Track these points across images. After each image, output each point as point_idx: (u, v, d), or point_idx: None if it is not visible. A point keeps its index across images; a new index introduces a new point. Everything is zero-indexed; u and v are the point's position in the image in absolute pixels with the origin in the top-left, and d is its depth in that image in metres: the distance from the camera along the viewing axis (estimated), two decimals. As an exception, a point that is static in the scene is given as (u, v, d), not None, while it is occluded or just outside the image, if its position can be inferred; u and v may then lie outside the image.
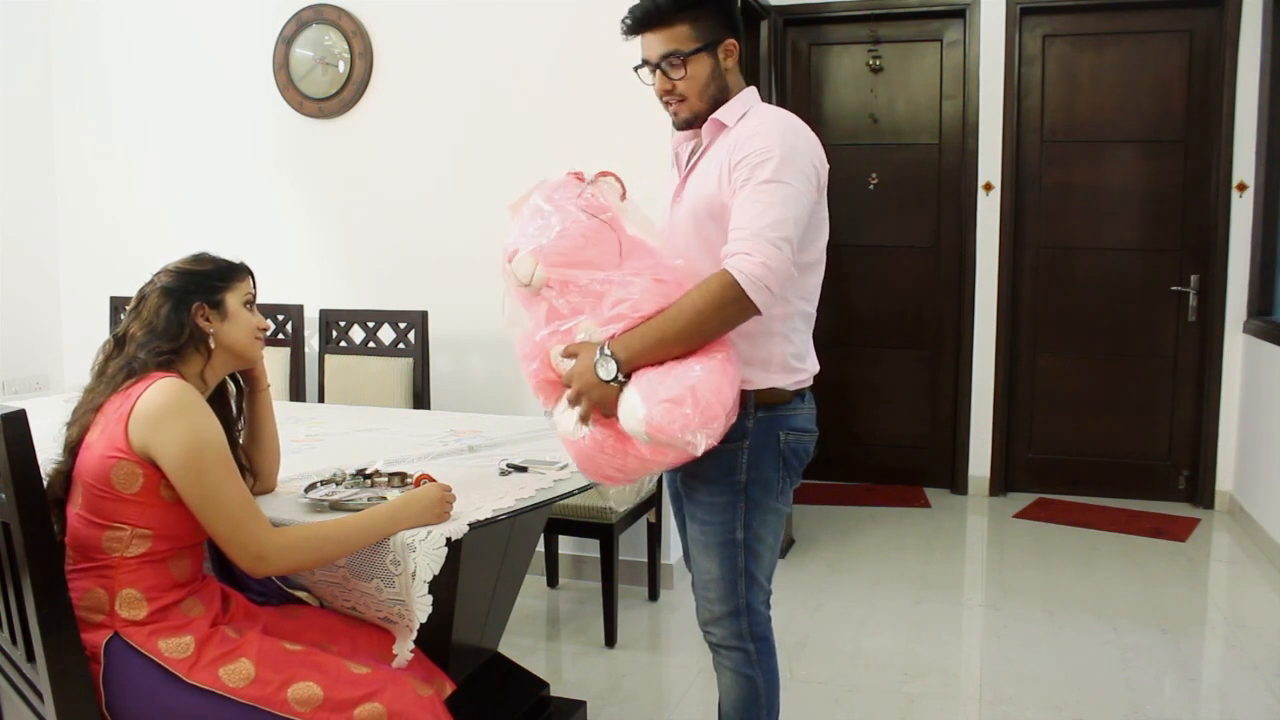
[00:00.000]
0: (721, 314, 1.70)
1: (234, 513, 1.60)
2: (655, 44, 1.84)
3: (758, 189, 1.73)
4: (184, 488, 1.59)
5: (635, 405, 1.65)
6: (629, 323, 1.71)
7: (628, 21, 1.85)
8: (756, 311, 1.71)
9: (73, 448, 1.66)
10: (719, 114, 1.86)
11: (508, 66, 3.69)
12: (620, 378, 1.68)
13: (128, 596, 1.60)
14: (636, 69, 1.91)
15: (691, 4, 1.81)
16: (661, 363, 1.69)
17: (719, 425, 1.67)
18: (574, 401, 1.72)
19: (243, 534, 1.61)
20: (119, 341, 1.73)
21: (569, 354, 1.73)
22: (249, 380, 1.93)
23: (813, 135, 1.85)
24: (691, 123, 1.90)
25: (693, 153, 1.95)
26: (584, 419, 1.71)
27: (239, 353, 1.80)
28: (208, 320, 1.74)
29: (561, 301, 1.74)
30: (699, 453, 1.65)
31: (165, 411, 1.59)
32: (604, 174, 1.81)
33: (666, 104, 1.90)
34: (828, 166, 1.86)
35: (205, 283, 1.77)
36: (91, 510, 1.61)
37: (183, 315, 1.72)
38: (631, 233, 1.80)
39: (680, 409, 1.62)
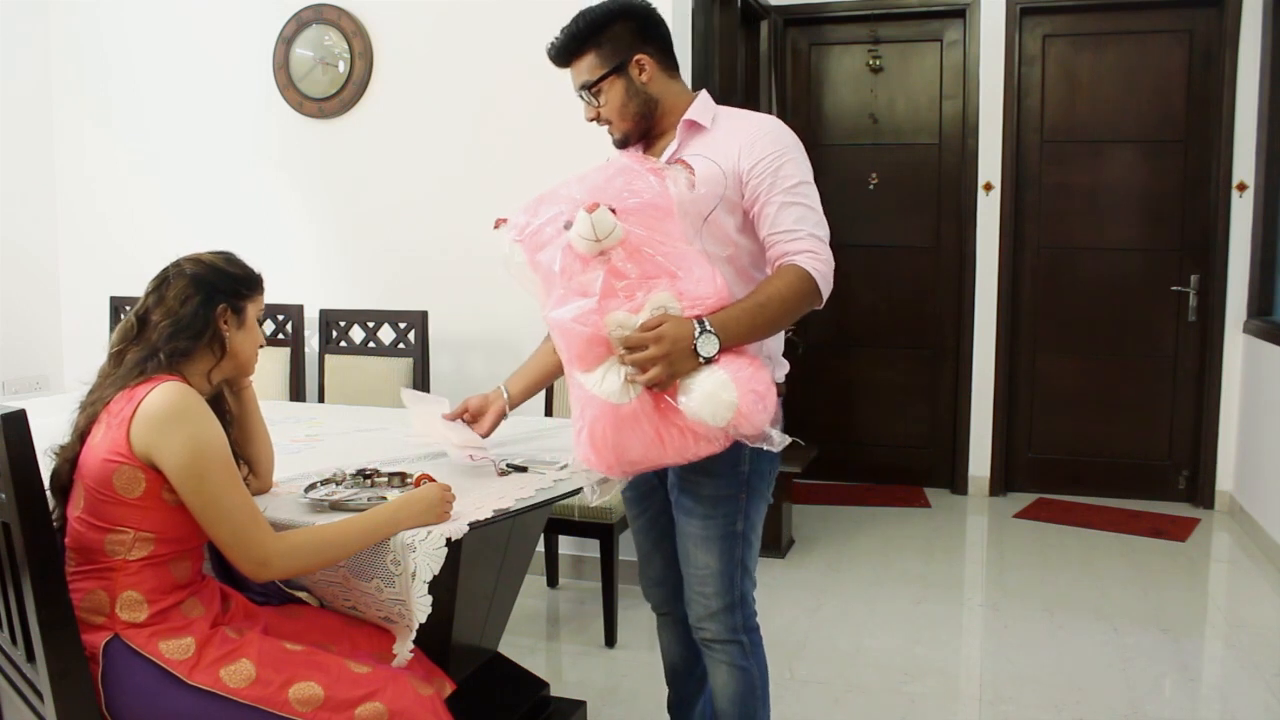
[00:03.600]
0: (800, 307, 1.79)
1: (237, 518, 1.60)
2: (574, 76, 1.92)
3: (791, 192, 1.81)
4: (186, 493, 1.59)
5: (726, 385, 1.65)
6: (717, 302, 1.71)
7: (552, 61, 1.94)
8: (820, 304, 1.81)
9: (81, 434, 1.66)
10: (691, 114, 1.90)
11: (508, 66, 3.69)
12: (714, 358, 1.68)
13: (128, 599, 1.60)
14: (579, 94, 1.96)
15: (590, 34, 1.88)
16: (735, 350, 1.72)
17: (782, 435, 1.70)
18: (647, 363, 1.65)
19: (245, 540, 1.60)
20: (140, 324, 1.71)
21: (649, 326, 1.66)
22: (230, 380, 1.90)
23: None
24: (626, 141, 1.95)
25: (662, 150, 1.96)
26: (651, 383, 1.66)
27: (242, 363, 1.79)
28: (227, 324, 1.74)
29: (629, 265, 1.70)
30: (775, 448, 1.69)
31: (168, 417, 1.58)
32: (679, 161, 1.81)
33: (600, 126, 1.96)
34: None
35: (234, 286, 1.76)
36: (93, 514, 1.61)
37: (209, 312, 1.71)
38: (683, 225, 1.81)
39: (765, 403, 1.67)
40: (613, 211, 1.68)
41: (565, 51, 1.91)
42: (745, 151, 1.82)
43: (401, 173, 3.87)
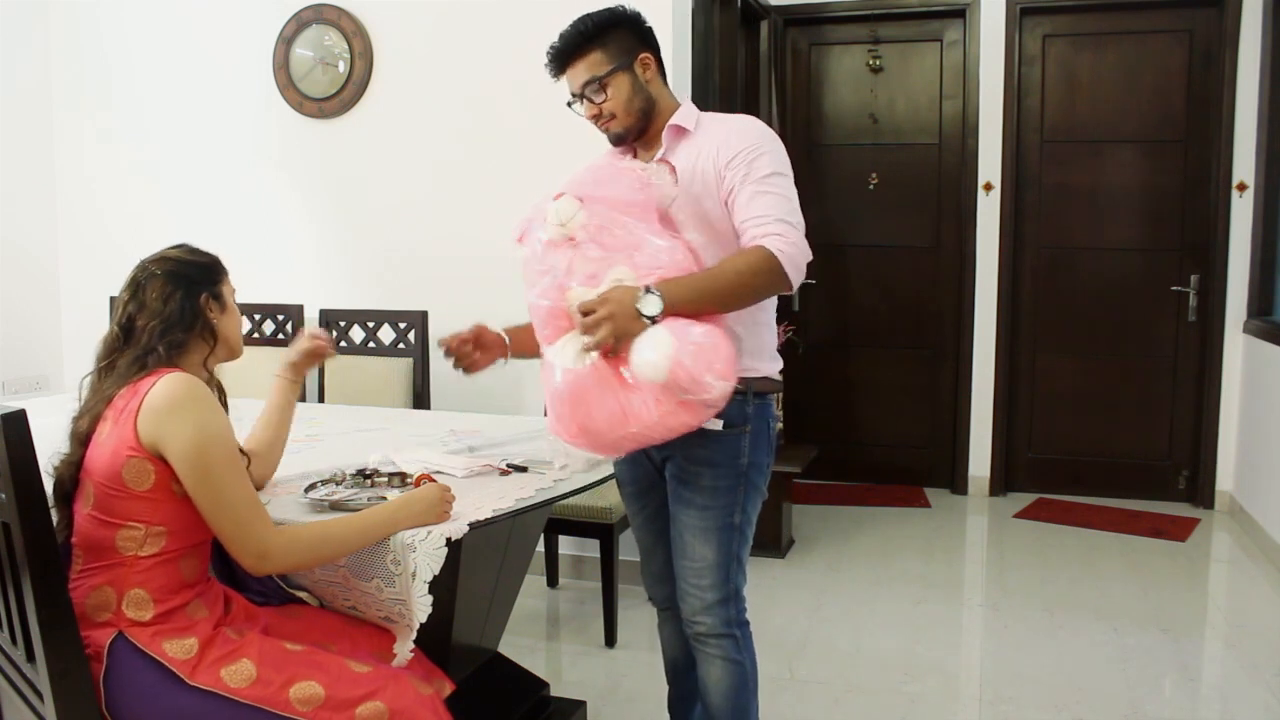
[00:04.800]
0: (759, 282, 1.80)
1: (239, 510, 1.60)
2: (575, 76, 1.96)
3: (764, 182, 1.85)
4: (191, 483, 1.59)
5: (662, 340, 1.68)
6: (671, 272, 1.76)
7: (549, 66, 1.98)
8: (788, 288, 1.83)
9: (83, 439, 1.66)
10: (676, 119, 1.96)
11: (508, 66, 3.69)
12: (657, 318, 1.70)
13: (135, 597, 1.60)
14: (569, 105, 2.01)
15: (597, 33, 1.93)
16: (690, 317, 1.74)
17: (728, 387, 1.71)
18: (594, 326, 1.69)
19: (247, 532, 1.61)
20: (126, 333, 1.71)
21: (602, 296, 1.71)
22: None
23: None
24: (624, 137, 1.99)
25: (652, 157, 2.01)
26: (595, 347, 1.70)
27: (232, 345, 1.81)
28: (212, 312, 1.75)
29: (592, 247, 1.76)
30: (711, 397, 1.68)
31: (175, 405, 1.59)
32: (663, 161, 1.89)
33: (599, 126, 1.99)
34: None
35: (207, 274, 1.77)
36: (103, 510, 1.61)
37: (194, 304, 1.72)
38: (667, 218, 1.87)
39: (705, 355, 1.68)
40: (580, 200, 1.76)
41: (571, 49, 1.95)
42: (723, 147, 1.88)
43: (401, 173, 3.87)
